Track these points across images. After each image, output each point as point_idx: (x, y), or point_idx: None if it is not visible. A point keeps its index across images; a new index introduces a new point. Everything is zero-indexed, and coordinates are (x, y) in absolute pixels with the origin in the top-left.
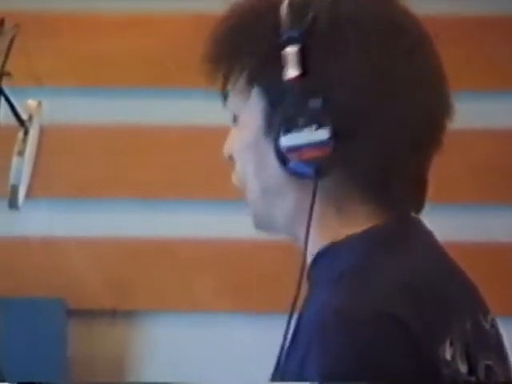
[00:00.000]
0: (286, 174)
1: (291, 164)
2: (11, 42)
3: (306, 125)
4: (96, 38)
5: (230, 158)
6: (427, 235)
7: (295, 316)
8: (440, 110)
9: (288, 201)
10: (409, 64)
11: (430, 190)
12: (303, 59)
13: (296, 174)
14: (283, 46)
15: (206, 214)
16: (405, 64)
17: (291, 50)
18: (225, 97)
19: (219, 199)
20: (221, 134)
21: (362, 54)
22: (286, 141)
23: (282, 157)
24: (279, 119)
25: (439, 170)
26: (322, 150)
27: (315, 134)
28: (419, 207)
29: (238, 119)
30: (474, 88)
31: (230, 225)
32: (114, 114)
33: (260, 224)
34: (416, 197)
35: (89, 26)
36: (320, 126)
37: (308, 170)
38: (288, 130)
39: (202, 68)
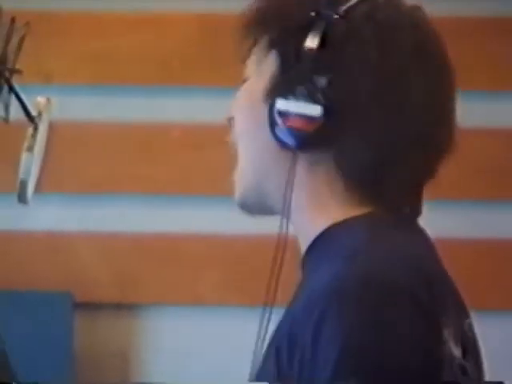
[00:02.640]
0: (275, 143)
1: (277, 129)
2: (21, 40)
3: (304, 97)
4: (104, 36)
5: (231, 120)
6: (423, 233)
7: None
8: (446, 123)
9: (280, 176)
10: (424, 82)
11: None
12: (325, 38)
13: (279, 141)
14: (313, 21)
15: (210, 209)
16: (418, 74)
17: (319, 26)
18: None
19: (223, 195)
20: (223, 131)
21: (381, 58)
22: (280, 105)
23: (272, 119)
24: (282, 84)
25: (452, 168)
26: (308, 124)
27: (308, 108)
28: (417, 211)
29: (248, 80)
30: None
31: (234, 220)
32: (122, 111)
33: (245, 198)
34: (412, 201)
35: (97, 24)
36: (315, 101)
37: (290, 140)
38: (285, 96)
39: (235, 34)
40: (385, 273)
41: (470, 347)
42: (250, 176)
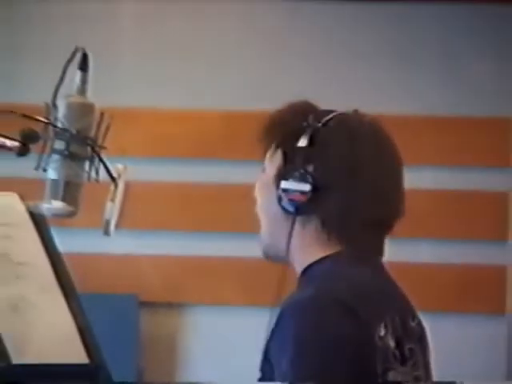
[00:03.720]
0: (281, 211)
1: (283, 202)
2: (107, 127)
3: (299, 179)
4: (161, 124)
5: (255, 197)
6: (379, 266)
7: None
8: (397, 195)
9: (285, 232)
10: (378, 164)
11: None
12: (312, 140)
13: (284, 209)
14: (303, 131)
15: (233, 241)
16: (375, 163)
17: (307, 132)
18: (264, 156)
19: (245, 232)
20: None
21: (349, 150)
22: (284, 184)
23: (278, 195)
24: (285, 172)
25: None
26: (302, 196)
27: (301, 186)
28: (379, 253)
29: (263, 173)
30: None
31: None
32: (173, 174)
33: (268, 252)
34: (375, 245)
35: (157, 116)
36: (306, 181)
37: (291, 208)
38: (287, 179)
39: (255, 141)
40: (330, 292)
41: (413, 339)
42: (267, 239)
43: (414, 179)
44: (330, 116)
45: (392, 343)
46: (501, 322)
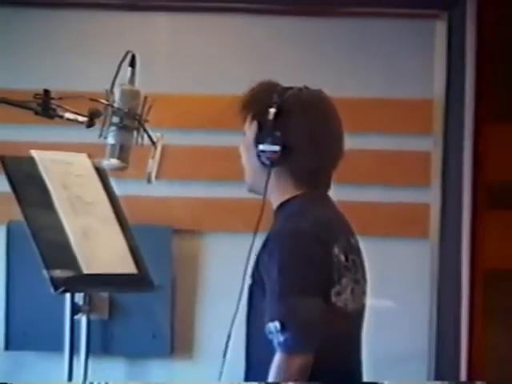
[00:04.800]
0: (260, 164)
1: (261, 158)
2: (149, 108)
3: (271, 142)
4: (187, 104)
5: (240, 153)
6: (329, 200)
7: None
8: (340, 150)
9: (263, 179)
10: (325, 127)
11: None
12: (277, 113)
13: (263, 164)
14: (271, 106)
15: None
16: (323, 126)
17: (274, 107)
18: (243, 122)
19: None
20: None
21: (304, 119)
22: (261, 147)
23: (258, 154)
24: (260, 137)
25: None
26: (274, 154)
27: (273, 147)
28: (328, 187)
29: (244, 136)
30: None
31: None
32: (197, 141)
33: (251, 189)
34: (325, 182)
35: (184, 99)
36: (276, 144)
37: (267, 162)
38: (263, 143)
39: (237, 114)
40: (301, 226)
41: (354, 252)
42: (250, 180)
43: (360, 142)
44: (289, 93)
45: (343, 257)
46: (425, 245)
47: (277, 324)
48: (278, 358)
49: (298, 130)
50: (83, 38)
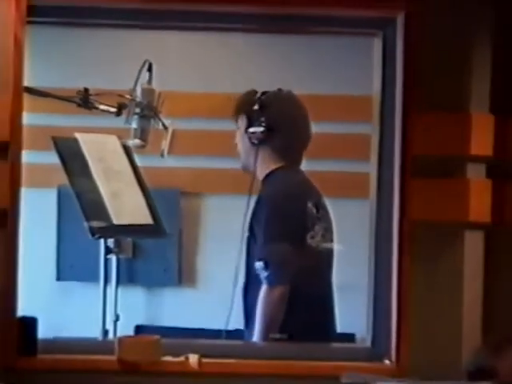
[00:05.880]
0: (250, 144)
1: (251, 139)
2: (162, 102)
3: (257, 126)
4: (190, 100)
5: (236, 143)
6: (301, 171)
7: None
8: (308, 133)
9: (253, 156)
10: (297, 115)
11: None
12: (261, 107)
13: (253, 144)
14: (256, 102)
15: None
16: (295, 114)
17: (258, 103)
18: (236, 122)
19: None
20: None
21: (281, 108)
22: (251, 130)
23: (249, 136)
24: (249, 124)
25: None
26: (261, 135)
27: (259, 129)
28: (300, 162)
29: (238, 129)
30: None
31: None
32: (198, 127)
33: (244, 168)
34: (299, 158)
35: (188, 96)
36: (261, 127)
37: (256, 141)
38: (251, 126)
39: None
40: (283, 188)
41: (323, 207)
42: (243, 160)
43: (320, 128)
44: (268, 93)
45: (314, 211)
46: (366, 204)
47: (261, 263)
48: (263, 289)
49: (276, 116)
50: (114, 49)
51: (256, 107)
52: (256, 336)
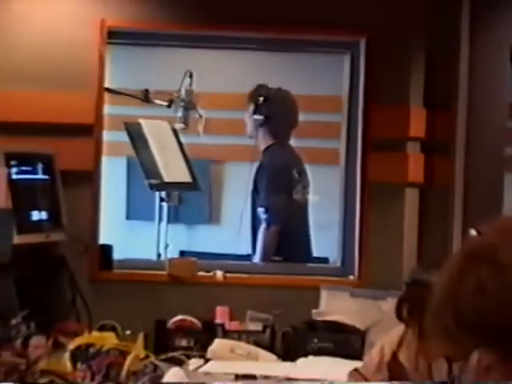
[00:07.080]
0: (254, 127)
1: (255, 123)
2: (196, 98)
3: (259, 114)
4: (213, 99)
5: (247, 130)
6: (290, 146)
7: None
8: (296, 120)
9: (255, 134)
10: (289, 106)
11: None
12: (264, 99)
13: (257, 125)
14: (261, 95)
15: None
16: (288, 105)
17: (262, 97)
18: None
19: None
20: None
21: (277, 102)
22: (254, 117)
23: (255, 120)
24: (254, 112)
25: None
26: (262, 120)
27: (260, 117)
28: (288, 139)
29: (248, 113)
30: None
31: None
32: (221, 115)
33: (250, 137)
34: (288, 137)
35: (210, 95)
36: (262, 115)
37: (258, 124)
38: (255, 114)
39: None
40: (277, 161)
41: (304, 175)
42: (250, 135)
43: (304, 117)
44: (272, 90)
45: (297, 175)
46: (337, 169)
47: (263, 209)
48: (262, 228)
49: (274, 108)
50: (167, 61)
51: (260, 100)
52: (258, 259)
